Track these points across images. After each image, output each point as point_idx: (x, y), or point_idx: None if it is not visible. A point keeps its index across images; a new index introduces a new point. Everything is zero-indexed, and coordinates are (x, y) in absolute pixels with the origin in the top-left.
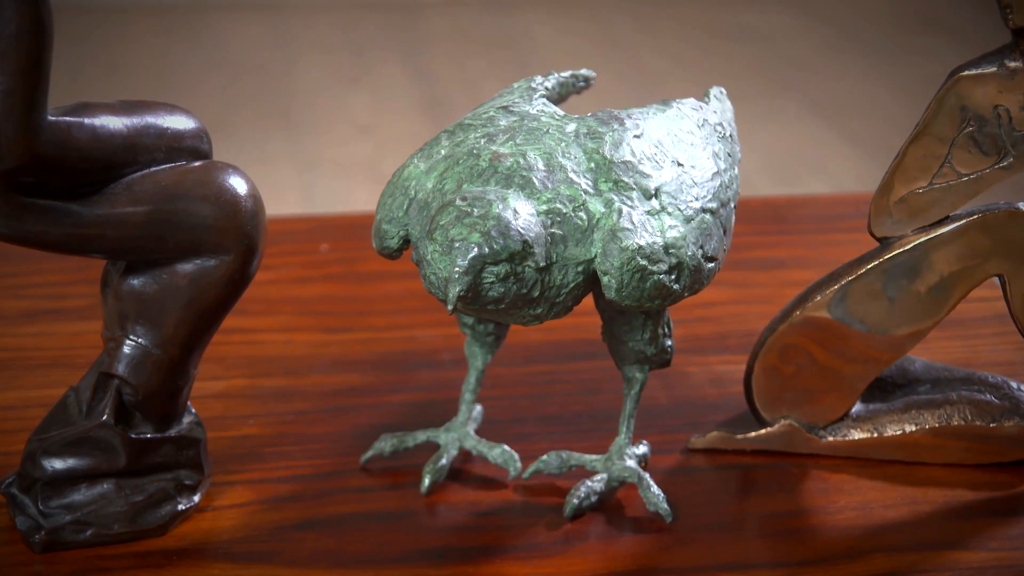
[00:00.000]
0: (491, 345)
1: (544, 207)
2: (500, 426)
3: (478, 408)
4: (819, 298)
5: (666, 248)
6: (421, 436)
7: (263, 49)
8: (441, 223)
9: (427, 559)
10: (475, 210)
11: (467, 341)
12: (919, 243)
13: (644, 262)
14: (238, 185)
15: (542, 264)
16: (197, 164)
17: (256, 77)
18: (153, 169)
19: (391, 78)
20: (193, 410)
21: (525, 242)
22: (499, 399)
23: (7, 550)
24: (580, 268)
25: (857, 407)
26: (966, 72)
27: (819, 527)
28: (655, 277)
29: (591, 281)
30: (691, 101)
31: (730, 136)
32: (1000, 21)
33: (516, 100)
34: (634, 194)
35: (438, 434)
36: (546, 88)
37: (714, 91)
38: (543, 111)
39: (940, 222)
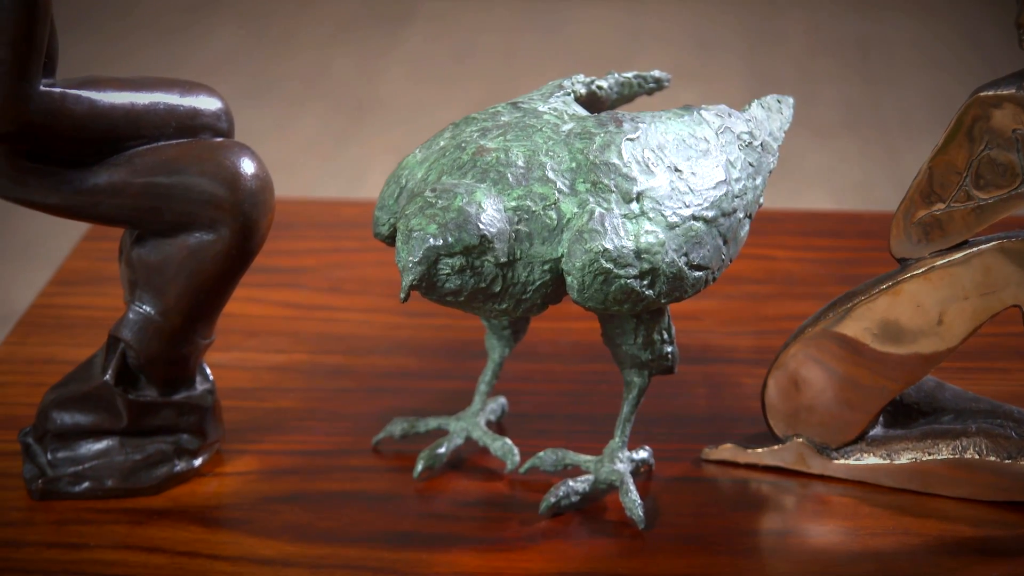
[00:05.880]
0: (509, 339)
1: (513, 203)
2: (527, 420)
3: (501, 400)
4: (832, 316)
5: (637, 253)
6: (432, 422)
7: (604, 37)
8: (407, 212)
9: (388, 542)
10: (439, 202)
11: (487, 334)
12: (936, 266)
13: (609, 265)
14: (243, 164)
15: (503, 260)
16: (204, 140)
17: (592, 65)
18: (161, 143)
19: (727, 76)
20: (211, 378)
21: (483, 237)
22: (538, 394)
23: (10, 495)
24: (547, 267)
25: (876, 431)
26: (983, 92)
27: (793, 549)
28: (621, 281)
29: (561, 280)
30: (720, 107)
31: (760, 146)
32: None
33: (534, 97)
34: (612, 197)
35: (448, 422)
36: (598, 87)
37: (769, 99)
38: (554, 109)
39: (958, 246)
